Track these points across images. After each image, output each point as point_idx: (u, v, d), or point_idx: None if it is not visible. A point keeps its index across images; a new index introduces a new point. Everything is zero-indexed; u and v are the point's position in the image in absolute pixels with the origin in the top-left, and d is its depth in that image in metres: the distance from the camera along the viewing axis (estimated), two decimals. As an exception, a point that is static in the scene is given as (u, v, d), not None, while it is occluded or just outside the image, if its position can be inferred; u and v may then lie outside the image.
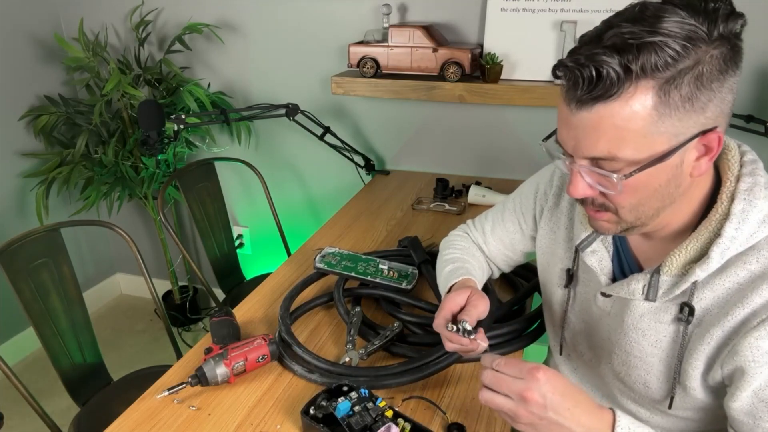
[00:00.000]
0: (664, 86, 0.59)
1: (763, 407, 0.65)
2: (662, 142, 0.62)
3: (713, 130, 0.62)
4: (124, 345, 2.42)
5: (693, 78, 0.59)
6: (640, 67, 0.59)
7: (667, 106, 0.60)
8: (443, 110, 1.95)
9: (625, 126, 0.61)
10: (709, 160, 0.65)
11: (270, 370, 0.99)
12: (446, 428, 0.86)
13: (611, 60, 0.59)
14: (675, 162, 0.63)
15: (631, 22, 0.60)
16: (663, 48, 0.58)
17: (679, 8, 0.60)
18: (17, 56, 2.15)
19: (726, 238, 0.66)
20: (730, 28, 0.61)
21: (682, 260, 0.70)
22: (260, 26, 2.04)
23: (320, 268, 1.18)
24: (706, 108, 0.61)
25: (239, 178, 2.31)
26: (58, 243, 1.40)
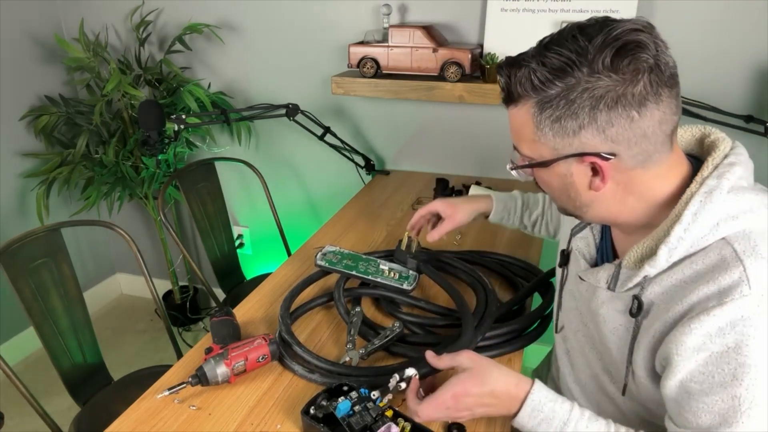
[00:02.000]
0: (538, 105, 0.69)
1: (686, 397, 0.70)
2: (545, 150, 0.72)
3: (593, 155, 0.69)
4: (125, 345, 2.42)
5: (563, 104, 0.67)
6: (516, 84, 0.70)
7: (541, 123, 0.70)
8: (443, 110, 1.95)
9: (520, 128, 0.74)
10: (601, 182, 0.71)
11: (270, 369, 0.99)
12: (446, 428, 0.86)
13: (505, 74, 0.72)
14: (562, 171, 0.73)
15: (538, 44, 0.70)
16: (533, 74, 0.68)
17: (579, 38, 0.66)
18: (18, 56, 2.15)
19: (673, 238, 0.69)
20: (616, 67, 0.65)
21: (637, 255, 0.74)
22: (260, 26, 2.04)
23: (321, 266, 1.18)
24: (579, 134, 0.68)
25: (239, 178, 2.32)
26: (58, 243, 1.40)
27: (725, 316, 0.65)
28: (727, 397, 0.66)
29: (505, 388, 0.77)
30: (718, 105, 1.53)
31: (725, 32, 1.58)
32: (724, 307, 0.65)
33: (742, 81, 1.62)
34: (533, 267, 1.29)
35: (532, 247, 1.42)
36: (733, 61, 1.60)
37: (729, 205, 0.68)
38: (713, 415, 0.67)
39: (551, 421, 0.76)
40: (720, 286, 0.66)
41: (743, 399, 0.65)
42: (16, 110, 2.16)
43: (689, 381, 0.69)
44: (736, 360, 0.65)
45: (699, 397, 0.68)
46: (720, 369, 0.66)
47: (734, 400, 0.66)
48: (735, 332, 0.65)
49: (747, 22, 1.55)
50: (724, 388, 0.66)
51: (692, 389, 0.69)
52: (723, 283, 0.66)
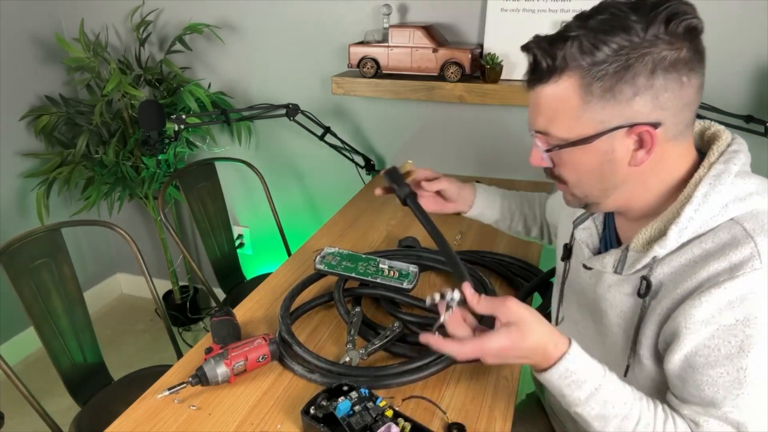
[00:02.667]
0: (586, 77, 0.67)
1: (690, 371, 0.70)
2: (588, 126, 0.70)
3: (644, 125, 0.68)
4: (125, 345, 2.42)
5: (614, 71, 0.66)
6: (562, 57, 0.68)
7: (590, 95, 0.68)
8: (443, 110, 1.95)
9: (557, 107, 0.71)
10: (646, 153, 0.70)
11: (270, 369, 0.99)
12: (446, 428, 0.86)
13: (543, 49, 0.69)
14: (603, 148, 0.71)
15: (577, 17, 0.69)
16: (582, 41, 0.66)
17: (622, 7, 0.66)
18: (18, 56, 2.15)
19: (684, 218, 0.70)
20: (670, 30, 0.65)
21: (645, 237, 0.75)
22: (260, 26, 2.04)
23: (320, 270, 1.18)
24: (632, 102, 0.67)
25: (240, 178, 2.32)
26: (58, 243, 1.40)
27: (736, 290, 0.66)
28: (732, 369, 0.67)
29: (543, 347, 0.74)
30: (718, 105, 1.53)
31: (725, 32, 1.58)
32: (735, 281, 0.66)
33: (742, 81, 1.62)
34: (533, 267, 1.29)
35: (532, 247, 1.42)
36: (733, 61, 1.60)
37: (737, 187, 0.70)
38: (717, 387, 0.68)
39: (582, 385, 0.73)
40: (731, 262, 0.67)
41: (749, 371, 0.66)
42: (16, 110, 2.17)
43: (694, 355, 0.69)
44: (744, 332, 0.66)
45: (703, 370, 0.69)
46: (727, 341, 0.67)
47: (739, 372, 0.67)
48: (744, 305, 0.66)
49: (747, 23, 1.55)
50: (729, 360, 0.67)
51: (696, 363, 0.69)
52: (734, 258, 0.67)
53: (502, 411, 0.90)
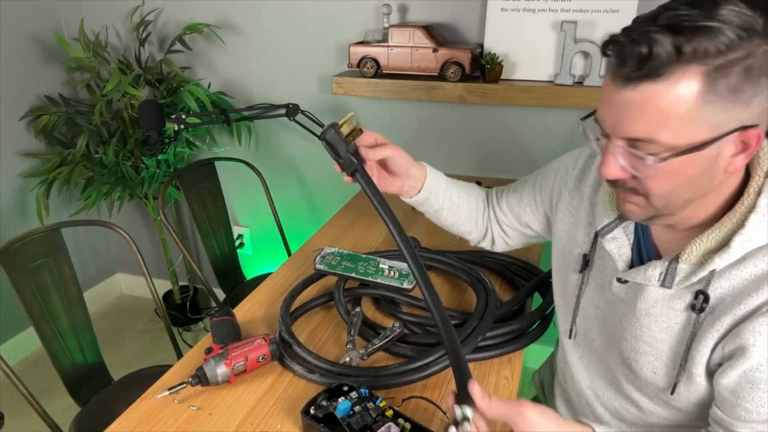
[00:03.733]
0: (713, 73, 0.58)
1: (748, 387, 0.67)
2: (703, 131, 0.61)
3: (754, 127, 0.62)
4: (125, 345, 2.42)
5: (742, 70, 0.58)
6: (692, 50, 0.58)
7: (713, 94, 0.59)
8: (443, 110, 1.95)
9: (669, 109, 0.61)
10: (746, 158, 0.64)
11: (270, 369, 0.99)
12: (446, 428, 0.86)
13: (664, 39, 0.59)
14: (711, 154, 0.63)
15: (689, 5, 0.59)
16: (717, 34, 0.57)
17: None
18: (18, 56, 2.15)
19: (749, 229, 0.67)
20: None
21: (702, 249, 0.70)
22: (260, 26, 2.04)
23: (321, 270, 1.18)
24: (750, 103, 0.60)
25: (239, 178, 2.31)
26: (58, 243, 1.40)
27: None
28: None
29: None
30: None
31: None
32: None
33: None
34: (533, 267, 1.29)
35: (532, 247, 1.42)
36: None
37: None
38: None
39: None
40: None
41: None
42: (16, 110, 2.16)
43: (755, 371, 0.66)
44: None
45: (764, 386, 0.66)
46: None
47: None
48: None
49: None
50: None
51: (756, 378, 0.67)
52: None
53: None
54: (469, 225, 1.08)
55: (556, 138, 1.86)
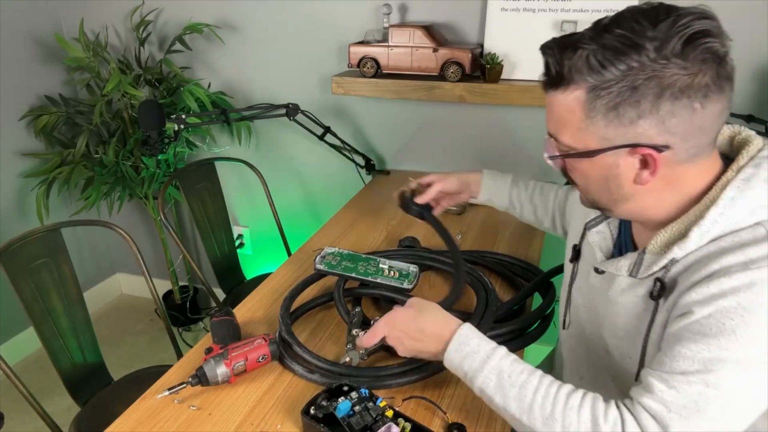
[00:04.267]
0: (593, 90, 0.66)
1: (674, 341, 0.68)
2: (591, 140, 0.69)
3: (648, 147, 0.66)
4: (125, 345, 2.42)
5: (619, 91, 0.64)
6: (569, 69, 0.66)
7: (594, 110, 0.67)
8: (443, 110, 1.95)
9: (565, 115, 0.70)
10: (650, 175, 0.69)
11: (270, 370, 0.99)
12: (446, 428, 0.86)
13: (554, 56, 0.68)
14: (607, 162, 0.70)
15: (595, 26, 0.67)
16: (592, 56, 0.64)
17: (642, 22, 0.63)
18: (18, 56, 2.15)
19: (707, 221, 0.68)
20: (686, 53, 0.62)
21: (664, 240, 0.73)
22: (260, 26, 2.04)
23: (321, 270, 1.18)
24: (636, 124, 0.65)
25: (239, 178, 2.31)
26: (58, 243, 1.40)
27: (746, 278, 0.63)
28: (716, 347, 0.64)
29: (433, 327, 0.83)
30: (719, 105, 1.52)
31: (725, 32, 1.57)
32: (747, 272, 0.64)
33: (743, 81, 1.62)
34: (533, 267, 1.29)
35: (532, 247, 1.42)
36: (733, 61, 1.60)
37: (766, 193, 0.68)
38: (692, 361, 0.65)
39: (475, 355, 0.78)
40: (748, 257, 0.65)
41: (733, 353, 0.63)
42: (16, 110, 2.16)
43: (684, 330, 0.67)
44: (742, 317, 0.63)
45: (686, 344, 0.66)
46: (721, 323, 0.64)
47: (723, 352, 0.63)
48: (752, 292, 0.63)
49: (747, 22, 1.55)
50: (717, 339, 0.64)
51: (683, 336, 0.67)
52: (751, 254, 0.65)
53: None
54: (547, 224, 1.21)
55: (556, 138, 1.85)
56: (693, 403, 0.64)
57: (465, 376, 0.80)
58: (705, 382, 0.64)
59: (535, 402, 0.72)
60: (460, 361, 0.79)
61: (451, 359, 0.81)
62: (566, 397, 0.71)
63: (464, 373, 0.79)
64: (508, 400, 0.74)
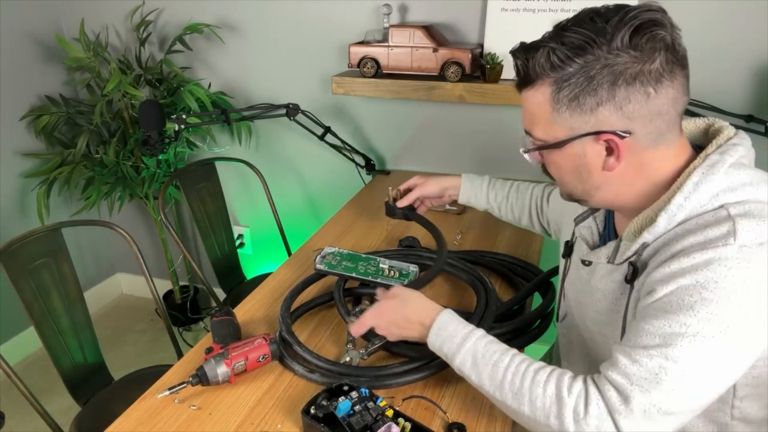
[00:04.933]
0: (555, 84, 0.72)
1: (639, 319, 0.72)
2: (560, 131, 0.75)
3: (610, 133, 0.71)
4: (125, 344, 2.43)
5: (582, 81, 0.70)
6: (534, 65, 0.73)
7: (558, 102, 0.72)
8: (443, 110, 1.95)
9: (536, 111, 0.76)
10: (616, 160, 0.73)
11: (270, 369, 0.99)
12: (446, 428, 0.86)
13: (520, 58, 0.75)
14: (576, 152, 0.75)
15: (555, 27, 0.73)
16: (551, 53, 0.71)
17: (596, 20, 0.70)
18: (18, 56, 2.15)
19: (673, 206, 0.72)
20: (635, 43, 0.68)
21: (636, 226, 0.76)
22: (260, 26, 2.04)
23: (321, 270, 1.18)
24: (596, 111, 0.71)
25: (240, 178, 2.32)
26: (58, 243, 1.40)
27: (703, 257, 0.67)
28: (676, 323, 0.67)
29: (416, 315, 0.90)
30: (718, 104, 1.53)
31: (725, 32, 1.58)
32: (704, 252, 0.68)
33: (742, 80, 1.62)
34: (533, 267, 1.29)
35: (532, 247, 1.42)
36: (733, 61, 1.60)
37: (730, 177, 0.71)
38: (654, 336, 0.69)
39: (453, 338, 0.83)
40: (707, 237, 0.69)
41: (691, 328, 0.66)
42: (16, 110, 2.17)
43: (648, 307, 0.71)
44: (700, 294, 0.67)
45: (649, 320, 0.70)
46: (681, 299, 0.68)
47: (681, 327, 0.67)
48: (708, 270, 0.67)
49: (747, 22, 1.55)
50: (676, 315, 0.68)
51: (647, 313, 0.71)
52: (710, 234, 0.69)
53: (502, 411, 0.90)
54: (525, 221, 1.26)
55: (556, 138, 1.86)
56: (653, 375, 0.68)
57: (446, 358, 0.85)
58: (664, 355, 0.67)
59: (505, 378, 0.77)
60: (440, 345, 0.85)
61: (432, 343, 0.87)
62: (534, 373, 0.75)
63: (444, 355, 0.85)
64: (483, 378, 0.80)
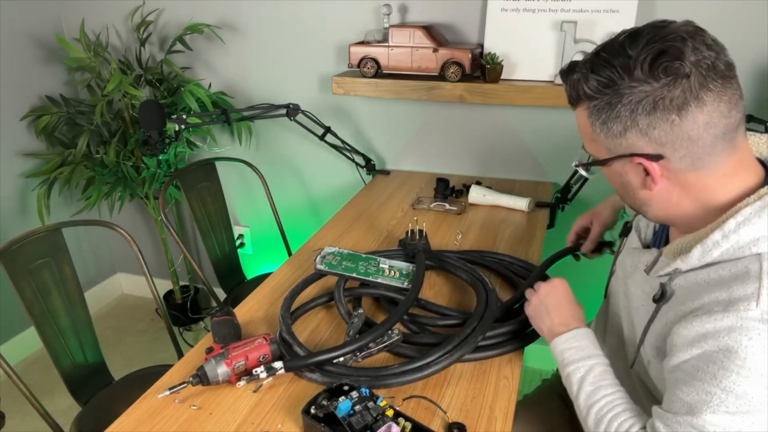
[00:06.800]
0: (592, 109, 0.74)
1: (673, 383, 0.74)
2: (602, 150, 0.77)
3: (642, 156, 0.72)
4: (126, 344, 2.43)
5: (603, 107, 0.72)
6: (572, 89, 0.76)
7: (594, 125, 0.75)
8: (443, 110, 1.96)
9: (582, 128, 0.79)
10: (652, 182, 0.74)
11: (271, 369, 0.99)
12: (446, 428, 0.86)
13: (563, 79, 0.78)
14: (618, 171, 0.77)
15: (594, 50, 0.75)
16: (584, 80, 0.73)
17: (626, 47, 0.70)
18: (18, 56, 2.16)
19: (710, 241, 0.71)
20: (653, 72, 0.68)
21: (675, 248, 0.77)
22: (260, 26, 2.04)
23: (321, 270, 1.18)
24: (625, 135, 0.72)
25: (240, 178, 2.32)
26: (59, 243, 1.40)
27: (725, 322, 0.67)
28: (701, 391, 0.69)
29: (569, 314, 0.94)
30: (719, 105, 1.52)
31: (725, 32, 1.56)
32: (726, 314, 0.67)
33: (742, 80, 1.60)
34: (533, 267, 1.29)
35: (532, 247, 1.42)
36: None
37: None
38: (683, 404, 0.71)
39: (580, 350, 0.87)
40: (731, 296, 0.68)
41: (715, 397, 0.68)
42: (16, 110, 2.17)
43: (678, 369, 0.73)
44: (722, 363, 0.67)
45: (679, 386, 0.72)
46: (705, 366, 0.69)
47: (707, 395, 0.68)
48: (730, 338, 0.67)
49: (747, 22, 1.55)
50: (701, 382, 0.69)
51: (677, 378, 0.73)
52: (735, 293, 0.68)
53: (502, 411, 0.90)
54: None
55: (556, 138, 1.86)
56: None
57: (561, 362, 0.89)
58: (691, 424, 0.70)
59: (598, 404, 0.82)
60: (565, 349, 0.89)
61: (559, 343, 0.90)
62: (621, 412, 0.80)
63: (563, 358, 0.89)
64: (582, 392, 0.84)
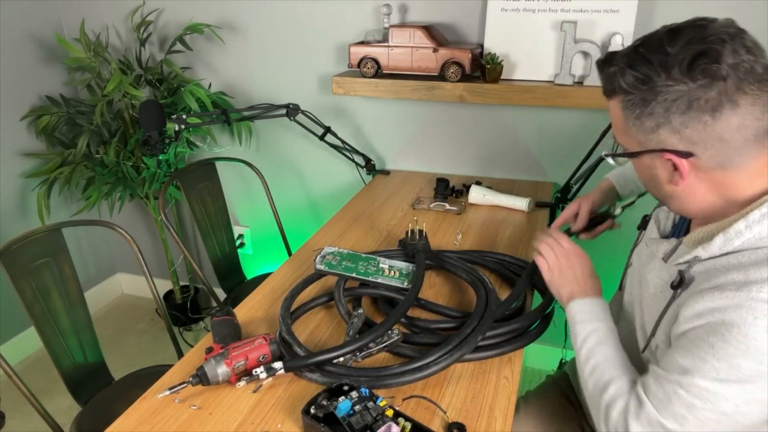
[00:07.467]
0: (627, 103, 0.75)
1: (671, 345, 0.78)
2: (633, 142, 0.78)
3: (672, 153, 0.73)
4: (126, 344, 2.43)
5: (637, 103, 0.74)
6: (608, 82, 0.77)
7: (627, 118, 0.76)
8: (443, 110, 1.96)
9: (615, 120, 0.80)
10: (680, 178, 0.75)
11: (271, 369, 0.99)
12: (446, 428, 0.86)
13: (600, 70, 0.80)
14: (647, 164, 0.79)
15: (633, 44, 0.76)
16: (620, 74, 0.74)
17: (665, 44, 0.71)
18: (18, 56, 2.16)
19: (732, 231, 0.73)
20: (691, 73, 0.69)
21: (697, 237, 0.78)
22: (260, 26, 2.04)
23: (321, 270, 1.18)
24: (657, 131, 0.74)
25: (240, 178, 2.32)
26: (59, 243, 1.40)
27: (734, 300, 0.69)
28: (697, 358, 0.71)
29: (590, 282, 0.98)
30: (719, 105, 1.52)
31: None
32: (737, 293, 0.69)
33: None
34: (533, 267, 1.29)
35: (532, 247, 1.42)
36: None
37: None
38: (677, 365, 0.74)
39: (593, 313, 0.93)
40: (746, 278, 0.70)
41: (708, 365, 0.70)
42: (16, 110, 2.17)
43: (681, 337, 0.75)
44: (723, 336, 0.69)
45: (678, 350, 0.75)
46: (705, 336, 0.71)
47: (701, 362, 0.71)
48: (735, 314, 0.68)
49: (747, 23, 1.54)
50: (699, 350, 0.71)
51: (677, 343, 0.76)
52: (751, 276, 0.69)
53: (502, 411, 0.90)
54: None
55: (556, 138, 1.86)
56: (666, 397, 0.74)
57: (572, 319, 0.94)
58: (679, 383, 0.73)
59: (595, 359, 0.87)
60: (579, 311, 0.94)
61: (575, 305, 0.95)
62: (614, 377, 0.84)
63: (574, 316, 0.94)
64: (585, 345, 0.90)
